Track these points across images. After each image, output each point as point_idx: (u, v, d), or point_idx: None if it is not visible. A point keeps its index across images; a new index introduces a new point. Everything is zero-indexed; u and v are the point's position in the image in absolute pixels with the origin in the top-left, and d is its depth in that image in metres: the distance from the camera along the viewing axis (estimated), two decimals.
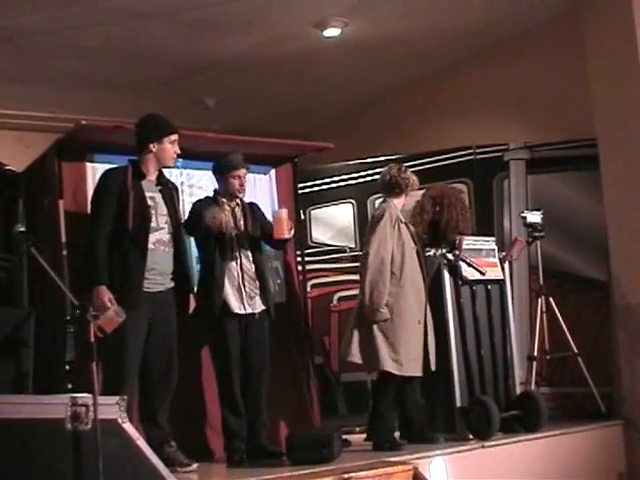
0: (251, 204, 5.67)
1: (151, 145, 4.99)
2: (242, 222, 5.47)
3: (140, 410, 4.90)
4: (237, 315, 5.31)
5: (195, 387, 5.68)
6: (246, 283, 5.37)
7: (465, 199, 6.41)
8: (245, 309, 5.34)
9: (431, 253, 6.08)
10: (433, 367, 5.63)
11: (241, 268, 5.37)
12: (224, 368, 5.31)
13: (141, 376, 4.89)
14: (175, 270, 5.06)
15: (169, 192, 5.15)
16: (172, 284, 5.04)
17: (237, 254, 5.37)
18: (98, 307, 4.53)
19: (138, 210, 4.89)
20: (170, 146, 5.04)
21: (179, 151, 5.09)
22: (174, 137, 5.06)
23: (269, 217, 5.72)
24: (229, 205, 5.45)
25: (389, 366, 5.53)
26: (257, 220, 5.57)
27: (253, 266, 5.43)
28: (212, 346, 5.43)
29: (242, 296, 5.34)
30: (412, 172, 5.90)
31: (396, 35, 7.19)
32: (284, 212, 5.45)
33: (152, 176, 5.06)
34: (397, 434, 5.77)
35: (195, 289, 5.41)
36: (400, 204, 5.83)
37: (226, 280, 5.31)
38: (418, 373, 5.60)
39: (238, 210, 5.50)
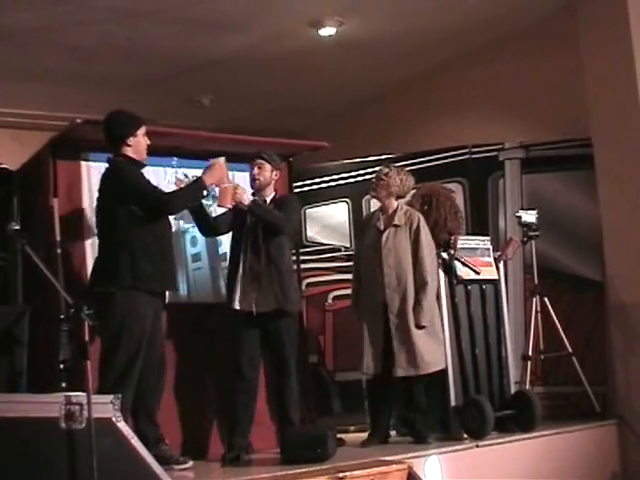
0: None
1: (128, 140, 4.98)
2: None
3: (135, 409, 4.89)
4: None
5: (189, 385, 5.68)
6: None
7: (456, 199, 6.38)
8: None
9: None
10: (397, 371, 5.58)
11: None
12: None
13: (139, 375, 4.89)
14: None
15: None
16: None
17: None
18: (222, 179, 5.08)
19: None
20: (143, 138, 5.05)
21: (149, 142, 5.09)
22: (145, 129, 5.07)
23: None
24: None
25: (360, 366, 5.72)
26: None
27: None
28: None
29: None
30: (407, 172, 5.92)
31: (391, 34, 7.19)
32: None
33: (144, 167, 5.08)
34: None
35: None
36: (384, 206, 5.85)
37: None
38: (370, 372, 5.66)
39: None
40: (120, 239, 4.85)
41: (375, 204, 6.08)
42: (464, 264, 5.90)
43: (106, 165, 5.09)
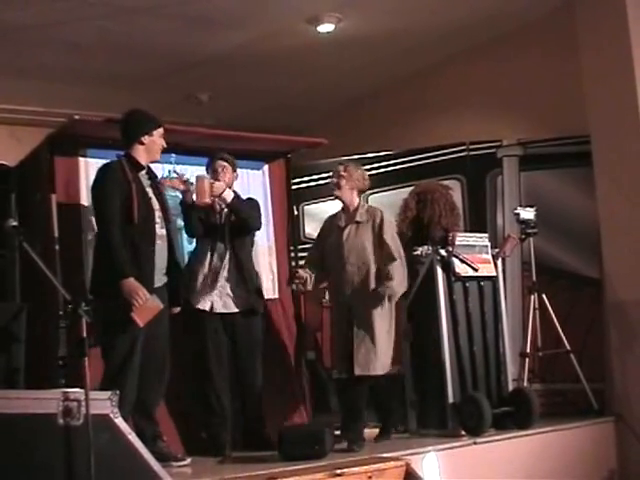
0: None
1: (143, 138, 4.99)
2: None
3: (134, 405, 4.90)
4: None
5: (186, 382, 5.67)
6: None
7: (453, 195, 6.37)
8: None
9: (419, 252, 6.10)
10: (355, 369, 5.51)
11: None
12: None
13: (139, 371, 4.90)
14: (168, 265, 5.07)
15: (157, 186, 5.16)
16: (165, 279, 5.05)
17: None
18: (132, 299, 4.64)
19: (142, 203, 4.90)
20: (159, 139, 5.06)
21: (165, 144, 5.09)
22: (162, 130, 5.08)
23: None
24: None
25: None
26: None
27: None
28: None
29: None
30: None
31: (390, 31, 7.18)
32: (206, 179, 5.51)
33: (144, 170, 5.06)
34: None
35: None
36: (347, 202, 5.77)
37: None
38: (339, 374, 5.66)
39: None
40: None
41: (375, 201, 6.04)
42: (462, 261, 5.89)
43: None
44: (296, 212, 6.83)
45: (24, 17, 6.37)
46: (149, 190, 5.03)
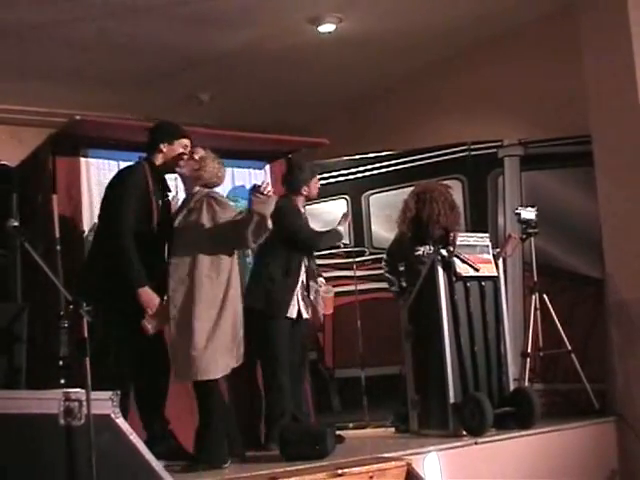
0: None
1: (162, 145, 5.03)
2: None
3: (141, 404, 4.91)
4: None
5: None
6: None
7: (453, 195, 6.37)
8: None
9: (420, 252, 6.10)
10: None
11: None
12: None
13: (141, 371, 4.92)
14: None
15: (168, 201, 5.20)
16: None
17: None
18: (147, 308, 4.75)
19: (160, 213, 4.98)
20: (180, 150, 5.07)
21: (186, 157, 5.07)
22: (186, 142, 5.10)
23: None
24: None
25: None
26: None
27: None
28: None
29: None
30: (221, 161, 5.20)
31: (390, 31, 7.19)
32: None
33: (164, 179, 5.15)
34: None
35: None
36: (185, 187, 5.19)
37: None
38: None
39: None
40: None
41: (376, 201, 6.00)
42: (463, 261, 5.88)
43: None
44: None
45: (25, 17, 6.38)
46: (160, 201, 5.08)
